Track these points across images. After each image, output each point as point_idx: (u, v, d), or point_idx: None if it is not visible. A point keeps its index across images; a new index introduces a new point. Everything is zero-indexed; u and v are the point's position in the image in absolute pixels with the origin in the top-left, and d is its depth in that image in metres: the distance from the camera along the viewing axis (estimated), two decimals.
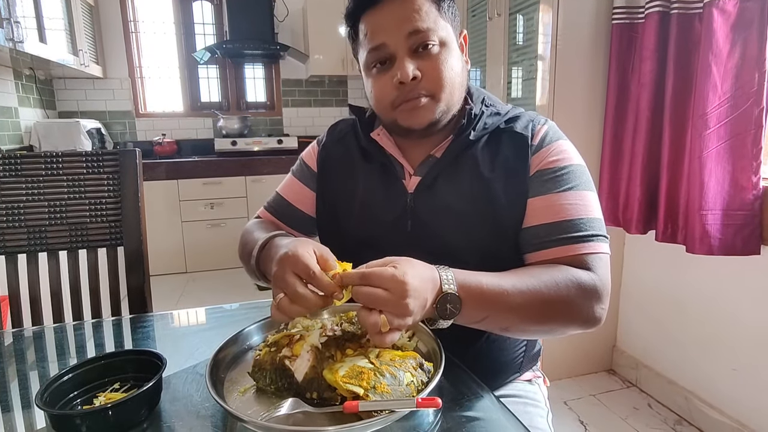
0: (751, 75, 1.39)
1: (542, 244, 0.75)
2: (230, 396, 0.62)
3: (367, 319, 0.56)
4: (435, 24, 0.74)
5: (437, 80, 0.75)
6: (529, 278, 0.68)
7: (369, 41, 0.76)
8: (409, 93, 0.76)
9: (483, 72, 2.37)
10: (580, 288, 0.68)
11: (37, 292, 1.10)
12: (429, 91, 0.76)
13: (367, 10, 0.76)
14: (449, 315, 0.62)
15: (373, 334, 0.57)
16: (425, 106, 0.76)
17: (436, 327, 0.64)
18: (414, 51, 0.75)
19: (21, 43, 2.22)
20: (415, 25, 0.73)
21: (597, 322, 0.71)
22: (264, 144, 3.84)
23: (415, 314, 0.58)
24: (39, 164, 1.09)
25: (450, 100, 0.78)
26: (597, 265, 0.72)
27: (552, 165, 0.77)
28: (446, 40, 0.76)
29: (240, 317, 1.00)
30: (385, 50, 0.75)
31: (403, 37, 0.73)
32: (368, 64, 0.79)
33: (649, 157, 1.70)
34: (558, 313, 0.68)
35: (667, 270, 1.83)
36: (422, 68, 0.75)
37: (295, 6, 3.94)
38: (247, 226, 0.96)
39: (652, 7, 1.62)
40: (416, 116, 0.77)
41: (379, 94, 0.79)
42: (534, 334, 0.72)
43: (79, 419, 0.55)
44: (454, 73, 0.77)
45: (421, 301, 0.58)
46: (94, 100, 3.72)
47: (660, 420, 1.78)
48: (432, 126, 0.79)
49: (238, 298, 3.13)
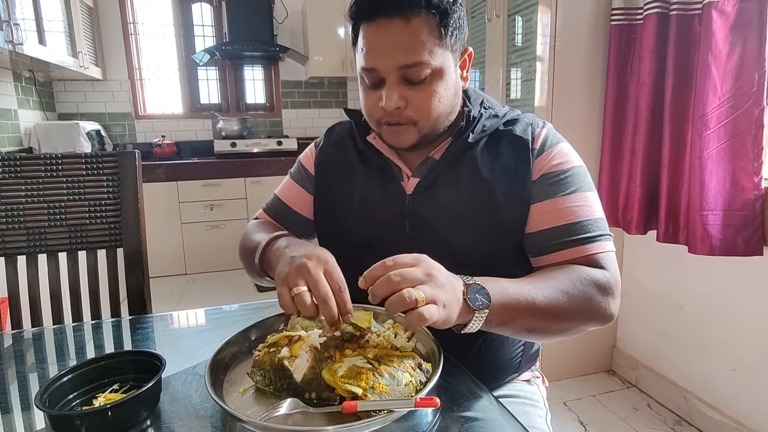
0: (751, 75, 1.39)
1: (553, 247, 0.76)
2: (229, 396, 0.62)
3: (399, 298, 0.54)
4: (430, 55, 0.72)
5: (422, 111, 0.75)
6: (548, 279, 0.70)
7: (363, 59, 0.75)
8: (391, 118, 0.76)
9: (482, 73, 2.37)
10: (597, 286, 0.71)
11: (37, 294, 1.10)
12: (412, 119, 0.76)
13: (364, 21, 0.74)
14: (481, 305, 0.61)
15: (409, 313, 0.55)
16: (405, 131, 0.77)
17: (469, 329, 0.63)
18: (404, 78, 0.74)
19: (20, 45, 2.22)
20: (408, 58, 0.71)
21: (611, 317, 0.73)
22: (263, 145, 3.84)
23: (446, 290, 0.58)
24: (38, 166, 1.09)
25: (435, 125, 0.78)
26: (608, 263, 0.74)
27: (555, 169, 0.78)
28: (441, 68, 0.74)
29: (239, 318, 1.00)
30: (376, 74, 0.75)
31: (393, 67, 0.72)
32: (360, 75, 0.79)
33: (649, 157, 1.70)
34: (579, 311, 0.70)
35: (667, 270, 1.84)
36: (410, 97, 0.74)
37: (294, 7, 3.95)
38: (249, 226, 0.97)
39: (651, 8, 1.62)
40: (397, 139, 0.79)
41: (367, 108, 0.80)
42: (556, 334, 0.72)
43: (79, 420, 0.55)
44: (443, 103, 0.76)
45: (446, 277, 0.59)
46: (93, 101, 3.73)
47: (660, 420, 1.78)
48: (415, 146, 0.80)
49: (237, 299, 3.14)
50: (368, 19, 0.73)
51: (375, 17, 0.72)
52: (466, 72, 0.81)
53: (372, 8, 0.72)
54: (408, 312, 0.55)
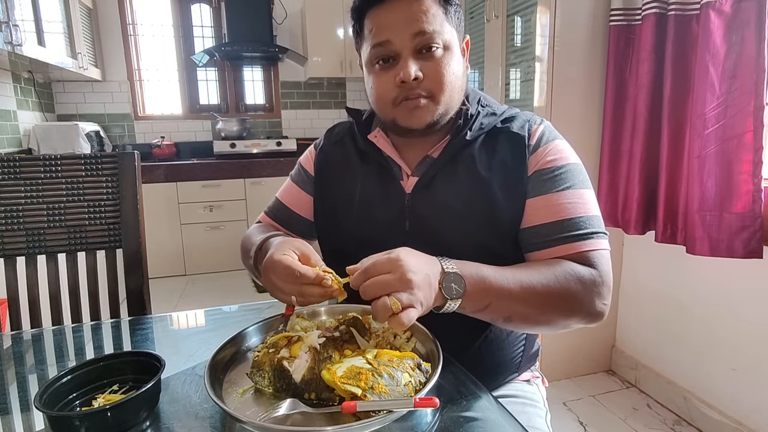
0: (750, 75, 1.39)
1: (544, 243, 0.76)
2: (229, 397, 0.62)
3: (377, 306, 0.58)
4: (441, 27, 0.75)
5: (438, 82, 0.76)
6: (527, 269, 0.71)
7: (374, 37, 0.76)
8: (410, 92, 0.76)
9: (481, 73, 2.37)
10: (579, 281, 0.70)
11: (36, 295, 1.10)
12: (429, 92, 0.77)
13: (373, 6, 0.76)
14: (455, 295, 0.63)
15: (390, 320, 0.57)
16: (425, 106, 0.77)
17: (445, 310, 0.65)
18: (418, 51, 0.75)
19: (19, 46, 2.22)
20: (421, 26, 0.74)
21: (599, 316, 0.73)
22: (263, 146, 3.84)
23: (422, 289, 0.60)
24: (38, 167, 1.09)
25: (449, 102, 0.79)
26: (598, 261, 0.74)
27: (550, 165, 0.78)
28: (450, 44, 0.77)
29: (239, 319, 1.00)
30: (390, 47, 0.76)
31: (408, 37, 0.74)
32: (371, 60, 0.79)
33: (648, 157, 1.70)
34: (558, 304, 0.70)
35: (666, 270, 1.84)
36: (425, 69, 0.75)
37: (293, 8, 3.95)
38: (250, 230, 0.98)
39: (649, 9, 1.63)
40: (415, 116, 0.78)
41: (380, 91, 0.79)
42: (537, 326, 0.73)
43: (78, 421, 0.55)
44: (455, 77, 0.78)
45: (422, 276, 0.60)
46: (92, 102, 3.72)
47: (659, 420, 1.78)
48: (430, 127, 0.80)
49: (236, 300, 3.13)
50: (376, 3, 0.76)
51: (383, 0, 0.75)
52: (466, 60, 0.83)
53: None
54: (390, 318, 0.57)
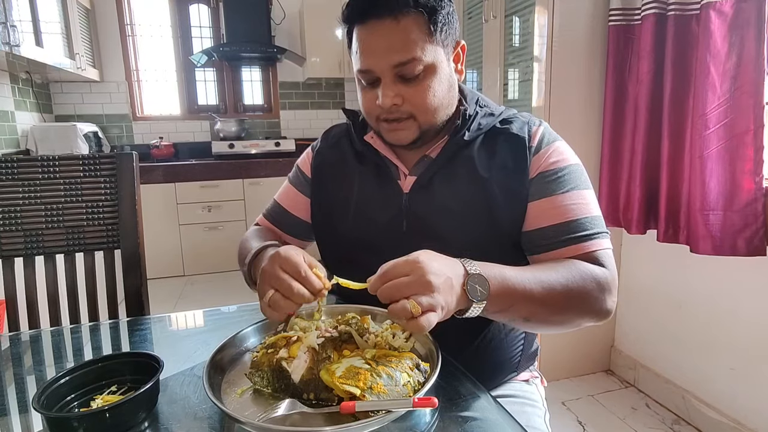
0: (750, 75, 1.39)
1: (551, 245, 0.77)
2: (227, 397, 0.62)
3: (395, 309, 0.57)
4: (422, 51, 0.74)
5: (418, 105, 0.77)
6: (545, 270, 0.71)
7: (357, 60, 0.77)
8: (389, 115, 0.78)
9: (479, 74, 2.37)
10: (596, 281, 0.71)
11: (34, 296, 1.10)
12: (410, 114, 0.78)
13: (357, 23, 0.77)
14: (480, 297, 0.62)
15: (409, 323, 0.56)
16: (405, 126, 0.79)
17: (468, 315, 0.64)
18: (399, 76, 0.75)
19: (17, 46, 2.21)
20: (400, 57, 0.73)
21: (608, 314, 0.73)
22: (261, 146, 3.84)
23: (443, 292, 0.58)
24: (36, 168, 1.09)
25: (432, 120, 0.79)
26: (606, 260, 0.75)
27: (552, 167, 0.79)
28: (434, 64, 0.76)
29: (237, 319, 1.00)
30: (372, 74, 0.77)
31: (388, 66, 0.74)
32: (357, 78, 0.81)
33: (649, 157, 1.70)
34: (576, 303, 0.70)
35: (665, 270, 1.84)
36: (405, 94, 0.76)
37: (292, 9, 3.95)
38: (246, 233, 0.98)
39: (649, 9, 1.63)
40: (397, 136, 0.80)
41: (365, 106, 0.81)
42: (553, 326, 0.73)
43: (76, 422, 0.55)
44: (438, 97, 0.78)
45: (443, 279, 0.59)
46: (90, 103, 3.72)
47: (658, 420, 1.78)
48: (414, 142, 0.81)
49: (235, 300, 3.11)
50: (360, 21, 0.75)
51: (366, 19, 0.74)
52: (460, 65, 0.83)
53: (362, 10, 0.74)
54: (409, 321, 0.56)
